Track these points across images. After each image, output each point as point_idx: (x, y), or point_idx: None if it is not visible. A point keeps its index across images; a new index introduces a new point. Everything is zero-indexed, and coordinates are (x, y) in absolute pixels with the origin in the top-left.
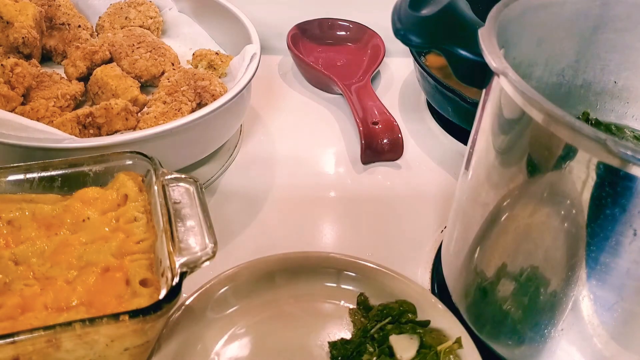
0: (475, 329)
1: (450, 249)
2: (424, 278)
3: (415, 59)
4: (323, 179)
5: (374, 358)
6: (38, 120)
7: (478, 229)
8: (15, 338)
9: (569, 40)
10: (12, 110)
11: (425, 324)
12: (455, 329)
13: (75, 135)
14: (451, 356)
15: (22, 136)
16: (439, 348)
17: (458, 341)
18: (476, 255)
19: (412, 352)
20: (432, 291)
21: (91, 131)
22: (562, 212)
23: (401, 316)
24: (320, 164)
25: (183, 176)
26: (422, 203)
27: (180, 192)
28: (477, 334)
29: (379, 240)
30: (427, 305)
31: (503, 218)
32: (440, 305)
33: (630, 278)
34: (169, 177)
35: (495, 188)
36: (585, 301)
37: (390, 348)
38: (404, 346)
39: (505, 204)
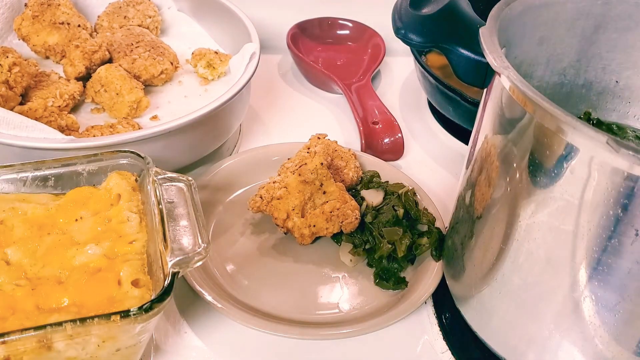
0: (476, 329)
1: (451, 249)
2: None
3: (416, 58)
4: None
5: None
6: (36, 120)
7: (480, 229)
8: (6, 338)
9: (570, 39)
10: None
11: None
12: (411, 183)
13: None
14: (413, 197)
15: (21, 136)
16: (400, 192)
17: (412, 190)
18: (478, 255)
19: (380, 198)
20: (434, 292)
21: None
22: (564, 212)
23: (370, 181)
24: None
25: (176, 176)
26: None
27: (174, 191)
28: (478, 335)
29: None
30: (391, 173)
31: (505, 218)
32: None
33: (632, 278)
34: (162, 176)
35: (497, 188)
36: (587, 302)
37: (363, 199)
38: (373, 196)
39: (506, 204)
